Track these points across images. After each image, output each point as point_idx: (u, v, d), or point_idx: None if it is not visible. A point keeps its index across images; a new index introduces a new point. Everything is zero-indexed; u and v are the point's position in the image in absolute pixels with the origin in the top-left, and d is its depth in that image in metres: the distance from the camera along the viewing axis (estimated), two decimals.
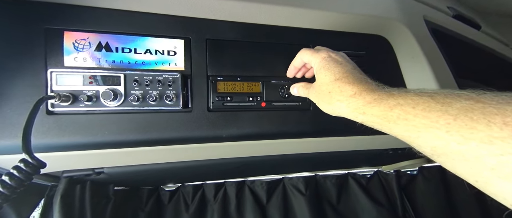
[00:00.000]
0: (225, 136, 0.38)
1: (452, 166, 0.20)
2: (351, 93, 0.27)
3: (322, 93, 0.30)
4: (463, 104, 0.19)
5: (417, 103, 0.22)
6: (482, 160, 0.17)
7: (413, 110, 0.21)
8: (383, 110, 0.24)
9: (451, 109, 0.19)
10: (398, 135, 0.23)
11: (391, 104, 0.23)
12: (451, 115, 0.19)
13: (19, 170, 0.21)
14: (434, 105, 0.20)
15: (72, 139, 0.32)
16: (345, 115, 0.28)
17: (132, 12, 0.35)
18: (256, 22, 0.39)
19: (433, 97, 0.21)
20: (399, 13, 0.44)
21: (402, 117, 0.22)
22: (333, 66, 0.30)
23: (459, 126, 0.18)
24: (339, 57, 0.31)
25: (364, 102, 0.26)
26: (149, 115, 0.35)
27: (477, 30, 0.64)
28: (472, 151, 0.17)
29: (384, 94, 0.25)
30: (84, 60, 0.33)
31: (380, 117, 0.24)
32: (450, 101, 0.20)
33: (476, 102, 0.18)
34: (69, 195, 0.46)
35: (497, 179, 0.16)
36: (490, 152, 0.16)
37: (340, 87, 0.28)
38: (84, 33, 0.33)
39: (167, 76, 0.35)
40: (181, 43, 0.36)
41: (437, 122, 0.19)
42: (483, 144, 0.17)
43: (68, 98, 0.31)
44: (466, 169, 0.18)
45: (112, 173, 0.47)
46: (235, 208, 0.69)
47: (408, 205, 0.82)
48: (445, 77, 0.47)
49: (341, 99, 0.28)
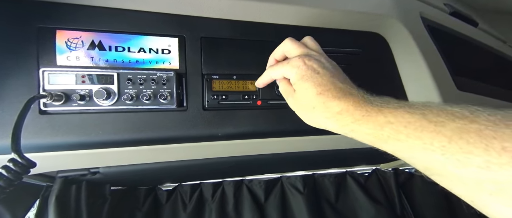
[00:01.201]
0: (221, 134, 0.37)
1: (447, 185, 0.19)
2: (338, 109, 0.25)
3: (304, 107, 0.28)
4: (457, 125, 0.18)
5: (408, 122, 0.20)
6: (481, 185, 0.16)
7: (405, 129, 0.20)
8: (373, 128, 0.22)
9: (444, 130, 0.18)
10: (390, 152, 0.22)
11: (381, 122, 0.22)
12: (445, 136, 0.18)
13: (8, 170, 0.20)
14: (427, 125, 0.19)
15: (65, 138, 0.32)
16: (332, 130, 0.27)
17: (126, 10, 0.34)
18: (251, 20, 0.39)
19: (425, 115, 0.20)
20: (395, 10, 0.44)
21: (393, 137, 0.21)
22: (311, 77, 0.26)
23: (454, 150, 0.17)
24: (315, 63, 0.27)
25: (353, 119, 0.24)
26: (144, 114, 0.34)
27: (474, 27, 0.64)
28: (469, 175, 0.17)
29: (373, 111, 0.23)
30: (77, 59, 0.33)
31: (370, 135, 0.23)
32: (443, 121, 0.19)
33: (470, 123, 0.17)
34: (65, 196, 0.45)
35: (496, 204, 0.16)
36: (488, 178, 0.16)
37: (325, 103, 0.25)
38: (77, 32, 0.33)
39: (161, 75, 0.35)
40: (176, 41, 0.36)
41: (431, 144, 0.18)
42: (481, 169, 0.16)
43: (61, 97, 0.31)
44: (463, 191, 0.18)
45: (108, 172, 0.47)
46: (233, 207, 0.69)
47: (406, 203, 0.82)
48: (442, 74, 0.47)
49: (328, 116, 0.25)
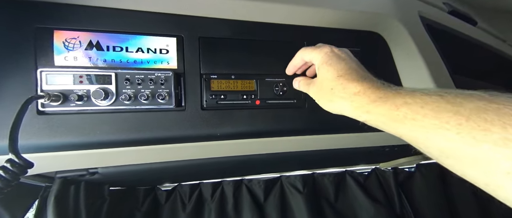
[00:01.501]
0: (219, 134, 0.37)
1: (460, 169, 0.19)
2: (355, 91, 0.26)
3: (323, 90, 0.29)
4: (476, 105, 0.18)
5: (426, 102, 0.20)
6: (496, 163, 0.16)
7: (421, 110, 0.20)
8: (389, 109, 0.23)
9: (462, 109, 0.18)
10: (404, 135, 0.22)
11: (398, 103, 0.22)
12: (462, 116, 0.18)
13: (5, 170, 0.20)
14: (444, 105, 0.19)
15: (63, 139, 0.32)
16: (348, 113, 0.27)
17: (124, 10, 0.34)
18: (249, 20, 0.39)
19: (443, 96, 0.20)
20: (393, 9, 0.44)
21: (410, 117, 0.21)
22: (336, 62, 0.28)
23: (471, 127, 0.17)
24: (342, 53, 0.30)
25: (369, 100, 0.24)
26: (142, 114, 0.34)
27: (473, 26, 0.63)
28: (485, 154, 0.16)
29: (390, 93, 0.24)
30: (75, 60, 0.33)
31: (385, 116, 0.23)
32: (461, 101, 0.19)
33: (489, 103, 0.17)
34: (63, 196, 0.45)
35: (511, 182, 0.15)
36: (505, 155, 0.15)
37: (343, 84, 0.27)
38: (75, 32, 0.33)
39: (159, 74, 0.34)
40: (174, 41, 0.36)
41: (448, 123, 0.18)
42: (497, 146, 0.16)
43: (58, 98, 0.31)
44: (477, 172, 0.17)
45: (106, 173, 0.47)
46: (233, 207, 0.69)
47: (405, 202, 0.82)
48: (441, 74, 0.47)
49: (344, 96, 0.26)
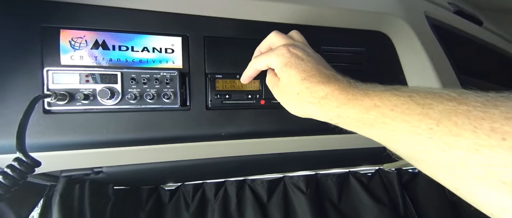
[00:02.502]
0: (224, 134, 0.37)
1: (431, 172, 0.18)
2: (323, 94, 0.24)
3: (288, 95, 0.27)
4: (445, 107, 0.17)
5: (395, 104, 0.20)
6: (467, 169, 0.15)
7: (391, 113, 0.20)
8: (359, 112, 0.22)
9: (432, 112, 0.18)
10: (375, 138, 0.22)
11: (367, 105, 0.21)
12: (433, 119, 0.17)
13: (13, 169, 0.20)
14: (414, 107, 0.19)
15: (69, 138, 0.32)
16: (317, 117, 0.26)
17: (129, 9, 0.34)
18: (255, 19, 0.39)
19: (412, 97, 0.19)
20: (399, 9, 0.44)
21: (380, 120, 0.20)
22: (296, 64, 0.26)
23: (442, 132, 0.17)
24: (300, 51, 0.27)
25: (338, 103, 0.23)
26: (147, 113, 0.34)
27: (479, 26, 0.63)
28: (457, 159, 0.16)
29: (358, 94, 0.22)
30: (81, 59, 0.33)
31: (355, 119, 0.22)
32: (431, 103, 0.18)
33: (459, 104, 0.17)
34: (68, 195, 0.45)
35: (483, 188, 0.15)
36: (477, 161, 0.15)
37: (309, 88, 0.25)
38: (81, 31, 0.33)
39: (164, 74, 0.34)
40: (179, 41, 0.36)
41: (418, 127, 0.18)
42: (469, 152, 0.15)
43: (65, 97, 0.31)
44: (447, 176, 0.17)
45: (111, 172, 0.47)
46: (236, 207, 0.68)
47: (409, 204, 0.81)
48: (447, 74, 0.46)
49: (313, 101, 0.25)
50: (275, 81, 0.29)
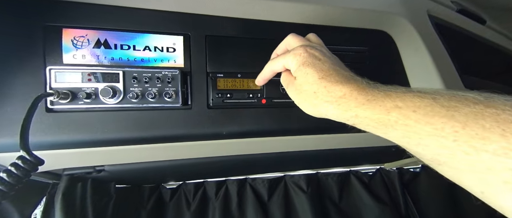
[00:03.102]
0: (225, 133, 0.37)
1: (455, 175, 0.18)
2: (340, 94, 0.24)
3: (304, 94, 0.27)
4: (472, 110, 0.17)
5: (418, 106, 0.19)
6: (494, 173, 0.15)
7: (414, 114, 0.19)
8: (379, 113, 0.21)
9: (458, 115, 0.17)
10: (394, 140, 0.21)
11: (388, 106, 0.21)
12: (459, 122, 0.17)
13: (17, 167, 0.21)
14: (438, 110, 0.18)
15: (71, 136, 0.32)
16: (334, 117, 0.25)
17: (131, 8, 0.34)
18: (256, 18, 0.39)
19: (436, 99, 0.19)
20: (402, 8, 0.43)
21: (401, 122, 0.20)
22: (313, 63, 0.26)
23: (469, 136, 0.16)
24: (317, 52, 0.27)
25: (356, 103, 0.23)
26: (149, 112, 0.35)
27: (482, 25, 0.62)
28: (483, 163, 0.16)
29: (379, 94, 0.22)
30: (83, 58, 0.33)
31: (375, 121, 0.22)
32: (456, 105, 0.18)
33: (486, 108, 0.17)
34: (71, 193, 0.46)
35: (510, 192, 0.15)
36: (504, 165, 0.15)
37: (327, 87, 0.24)
38: (83, 30, 0.33)
39: (166, 73, 0.35)
40: (180, 39, 0.36)
41: (443, 130, 0.17)
42: (496, 156, 0.15)
43: (67, 95, 0.31)
44: (473, 180, 0.17)
45: (113, 170, 0.47)
46: (237, 205, 0.69)
47: (410, 203, 0.81)
48: (449, 73, 0.46)
49: (330, 100, 0.24)
50: (291, 79, 0.29)
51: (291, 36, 0.31)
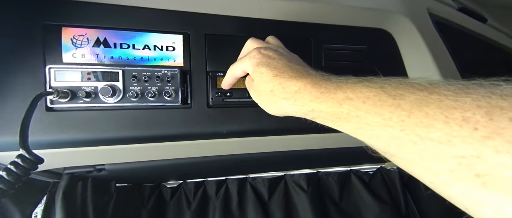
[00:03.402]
0: (225, 132, 0.37)
1: (406, 165, 0.18)
2: (295, 88, 0.24)
3: (263, 94, 0.27)
4: (417, 97, 0.17)
5: (367, 97, 0.19)
6: (440, 162, 0.15)
7: (363, 105, 0.19)
8: (332, 106, 0.21)
9: (404, 103, 0.17)
10: (350, 133, 0.21)
11: (340, 98, 0.21)
12: (404, 110, 0.17)
13: (16, 166, 0.21)
14: (385, 99, 0.18)
15: (71, 135, 0.32)
16: (292, 113, 0.26)
17: (130, 7, 0.34)
18: (256, 17, 0.39)
19: (384, 88, 0.19)
20: (402, 6, 0.43)
21: (353, 114, 0.20)
22: (266, 63, 0.26)
23: (414, 124, 0.16)
24: (270, 52, 0.27)
25: (311, 97, 0.23)
26: (148, 111, 0.35)
27: (483, 24, 0.62)
28: (429, 152, 0.15)
29: (331, 87, 0.22)
30: (83, 57, 0.33)
31: (329, 114, 0.22)
32: (403, 93, 0.17)
33: (430, 94, 0.16)
34: (71, 192, 0.46)
35: (456, 182, 0.14)
36: (449, 153, 0.14)
37: (281, 83, 0.25)
38: (82, 29, 0.33)
39: (166, 72, 0.34)
40: (180, 38, 0.36)
41: (390, 119, 0.17)
42: (441, 144, 0.15)
43: (67, 94, 0.31)
44: (422, 170, 0.16)
45: (113, 169, 0.47)
46: (237, 205, 0.69)
47: (411, 202, 0.81)
48: (450, 72, 0.46)
49: (286, 96, 0.24)
50: (250, 82, 0.30)
51: (250, 40, 0.31)
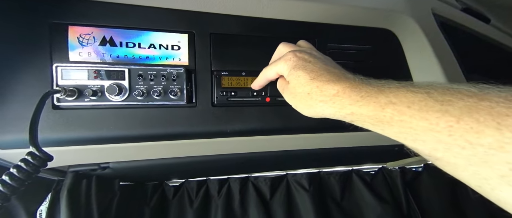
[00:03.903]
0: (229, 131, 0.38)
1: (453, 170, 0.18)
2: (334, 92, 0.24)
3: (299, 96, 0.27)
4: (466, 103, 0.17)
5: (412, 102, 0.19)
6: (491, 166, 0.15)
7: (408, 110, 0.19)
8: (373, 109, 0.21)
9: (452, 109, 0.17)
10: (392, 136, 0.21)
11: (382, 102, 0.21)
12: (453, 116, 0.17)
13: (26, 163, 0.21)
14: (432, 104, 0.18)
15: (77, 133, 0.33)
16: (330, 115, 0.25)
17: (136, 6, 0.34)
18: (261, 16, 0.39)
19: (430, 94, 0.19)
20: (406, 6, 0.43)
21: (397, 118, 0.20)
22: (303, 66, 0.27)
23: (463, 130, 0.16)
24: (306, 55, 0.28)
25: (351, 101, 0.23)
26: (154, 110, 0.35)
27: (486, 24, 0.62)
28: (479, 157, 0.15)
29: (372, 91, 0.22)
30: (89, 55, 0.33)
31: (371, 117, 0.22)
32: (450, 99, 0.17)
33: (480, 101, 0.16)
34: (76, 190, 0.46)
35: (507, 186, 0.15)
36: (500, 159, 0.14)
37: (319, 87, 0.25)
38: (89, 28, 0.33)
39: (171, 71, 0.35)
40: (185, 37, 0.36)
41: (437, 125, 0.17)
42: (492, 150, 0.15)
43: (74, 93, 0.31)
44: (470, 174, 0.17)
45: (117, 167, 0.48)
46: (239, 203, 0.69)
47: (412, 202, 0.81)
48: (454, 72, 0.46)
49: (324, 100, 0.24)
50: (285, 84, 0.30)
51: (281, 44, 0.32)
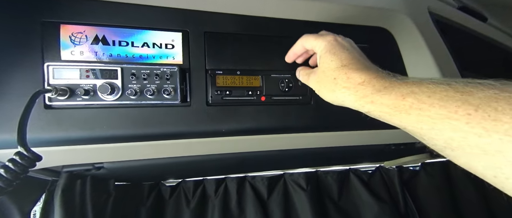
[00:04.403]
0: (224, 130, 0.37)
1: (467, 161, 0.18)
2: (360, 80, 0.25)
3: (325, 80, 0.28)
4: (486, 94, 0.17)
5: (433, 92, 0.20)
6: (505, 155, 0.15)
7: (428, 99, 0.20)
8: (394, 98, 0.22)
9: (472, 99, 0.17)
10: (408, 125, 0.22)
11: (404, 92, 0.22)
12: (472, 105, 0.17)
13: (14, 163, 0.21)
14: (452, 95, 0.19)
15: (70, 133, 0.32)
16: (350, 104, 0.26)
17: (129, 4, 0.34)
18: (256, 15, 0.39)
19: (452, 85, 0.19)
20: (402, 5, 0.43)
21: (415, 106, 0.20)
22: (339, 51, 0.28)
23: (481, 117, 0.16)
24: (345, 42, 0.30)
25: (374, 90, 0.24)
26: (147, 109, 0.34)
27: (483, 23, 0.62)
28: (494, 145, 0.16)
29: (396, 82, 0.23)
30: (81, 54, 0.33)
31: (390, 106, 0.22)
32: (471, 90, 0.18)
33: (501, 92, 0.17)
34: (70, 190, 0.46)
35: None
36: None
37: (347, 74, 0.26)
38: (81, 26, 0.33)
39: (165, 70, 0.34)
40: (179, 36, 0.36)
41: (456, 113, 0.18)
42: (508, 136, 0.15)
43: (65, 92, 0.31)
44: (485, 164, 0.17)
45: (112, 168, 0.47)
46: (236, 203, 0.69)
47: (410, 201, 0.82)
48: (450, 70, 0.46)
49: (348, 86, 0.26)
50: (310, 70, 0.33)
51: (324, 31, 0.33)
